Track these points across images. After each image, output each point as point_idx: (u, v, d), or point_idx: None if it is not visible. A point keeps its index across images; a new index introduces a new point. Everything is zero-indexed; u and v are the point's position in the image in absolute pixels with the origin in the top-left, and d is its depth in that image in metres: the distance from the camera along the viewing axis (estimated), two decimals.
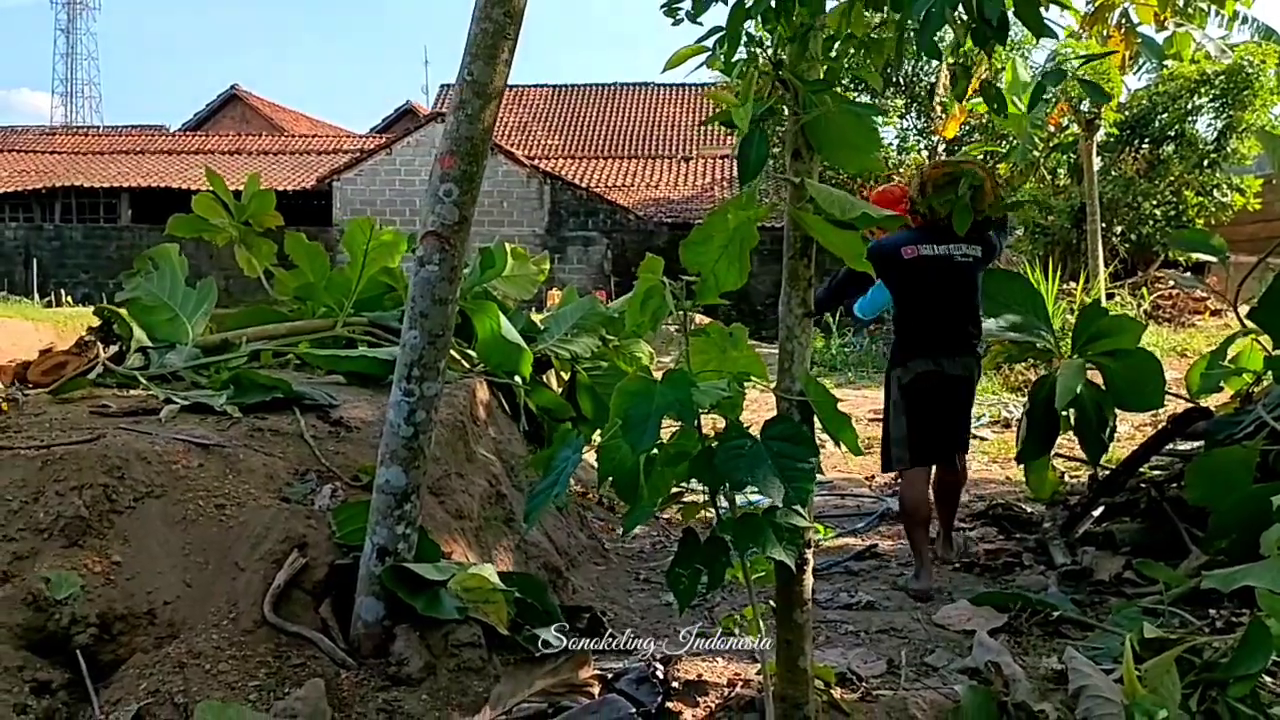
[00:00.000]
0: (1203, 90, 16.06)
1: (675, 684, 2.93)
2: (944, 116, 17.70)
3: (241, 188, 4.90)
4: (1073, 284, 14.54)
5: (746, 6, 2.52)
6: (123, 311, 4.02)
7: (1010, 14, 2.45)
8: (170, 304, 4.18)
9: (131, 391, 3.74)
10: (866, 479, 7.32)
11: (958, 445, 4.87)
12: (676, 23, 2.82)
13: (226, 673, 2.59)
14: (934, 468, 4.83)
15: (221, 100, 38.99)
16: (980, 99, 2.98)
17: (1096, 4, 8.51)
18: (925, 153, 19.27)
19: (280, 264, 5.09)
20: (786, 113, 2.58)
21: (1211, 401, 5.13)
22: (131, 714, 2.48)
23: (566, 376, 5.48)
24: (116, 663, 2.65)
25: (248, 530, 2.94)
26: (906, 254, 4.64)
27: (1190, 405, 4.99)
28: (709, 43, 2.68)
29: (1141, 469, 5.08)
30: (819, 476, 2.77)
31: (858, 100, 2.69)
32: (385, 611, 2.83)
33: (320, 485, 3.24)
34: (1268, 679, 2.90)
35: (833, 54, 2.69)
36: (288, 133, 35.27)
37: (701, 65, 2.68)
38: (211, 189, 4.83)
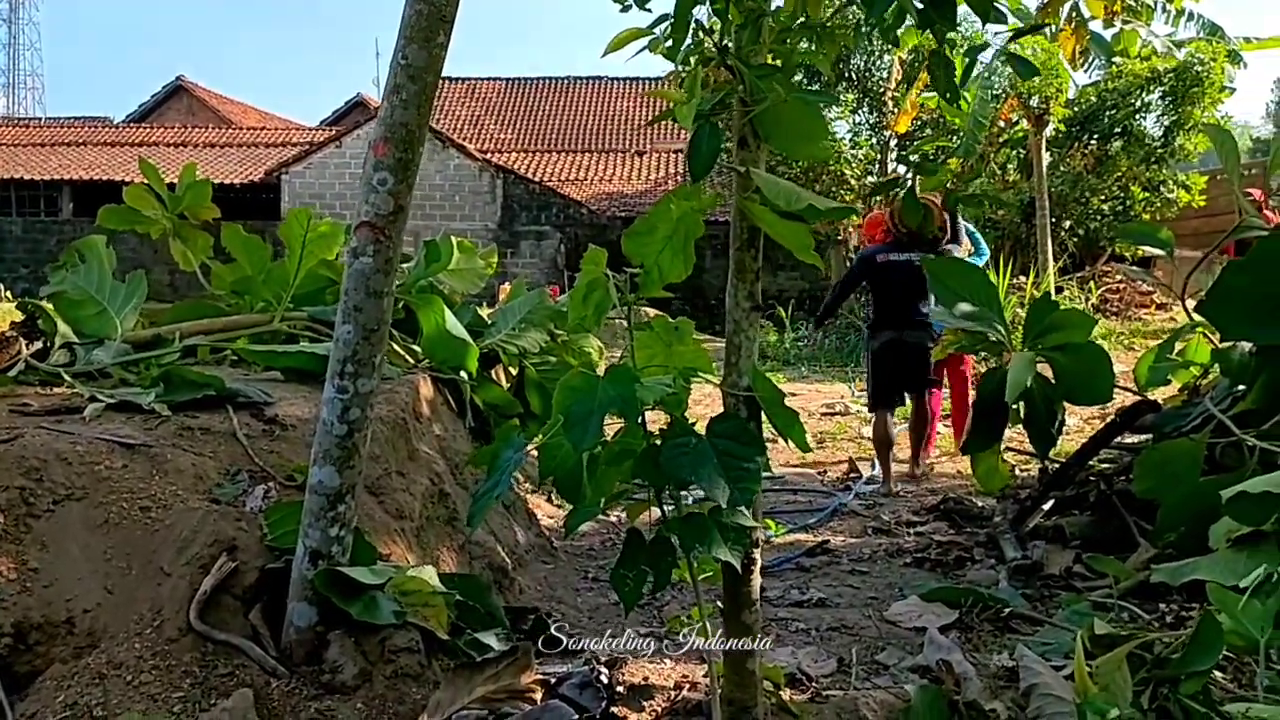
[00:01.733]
0: (1151, 87, 16.27)
1: (620, 688, 2.86)
2: (895, 112, 17.79)
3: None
4: (1023, 278, 14.68)
5: None
6: (47, 306, 3.86)
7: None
8: (98, 298, 4.01)
9: (55, 389, 3.58)
10: (818, 473, 7.30)
11: (921, 387, 6.81)
12: (625, 9, 2.74)
13: (149, 684, 2.47)
14: (909, 404, 6.96)
15: (167, 92, 38.31)
16: (931, 94, 2.93)
17: None
18: (877, 147, 19.34)
19: (219, 257, 4.95)
20: (734, 101, 2.51)
21: (1159, 394, 5.13)
22: None
23: (515, 372, 5.39)
24: (33, 674, 2.52)
25: (174, 533, 2.81)
26: (879, 260, 6.75)
27: (1138, 398, 4.99)
28: (656, 28, 2.61)
29: (1091, 462, 5.08)
30: (770, 471, 2.80)
31: (808, 89, 2.61)
32: (318, 617, 2.72)
33: (253, 486, 3.12)
34: (1219, 674, 2.89)
35: (785, 41, 2.62)
36: (235, 125, 34.75)
37: (643, 50, 2.60)
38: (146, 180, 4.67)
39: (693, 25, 2.53)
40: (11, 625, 2.52)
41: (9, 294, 22.08)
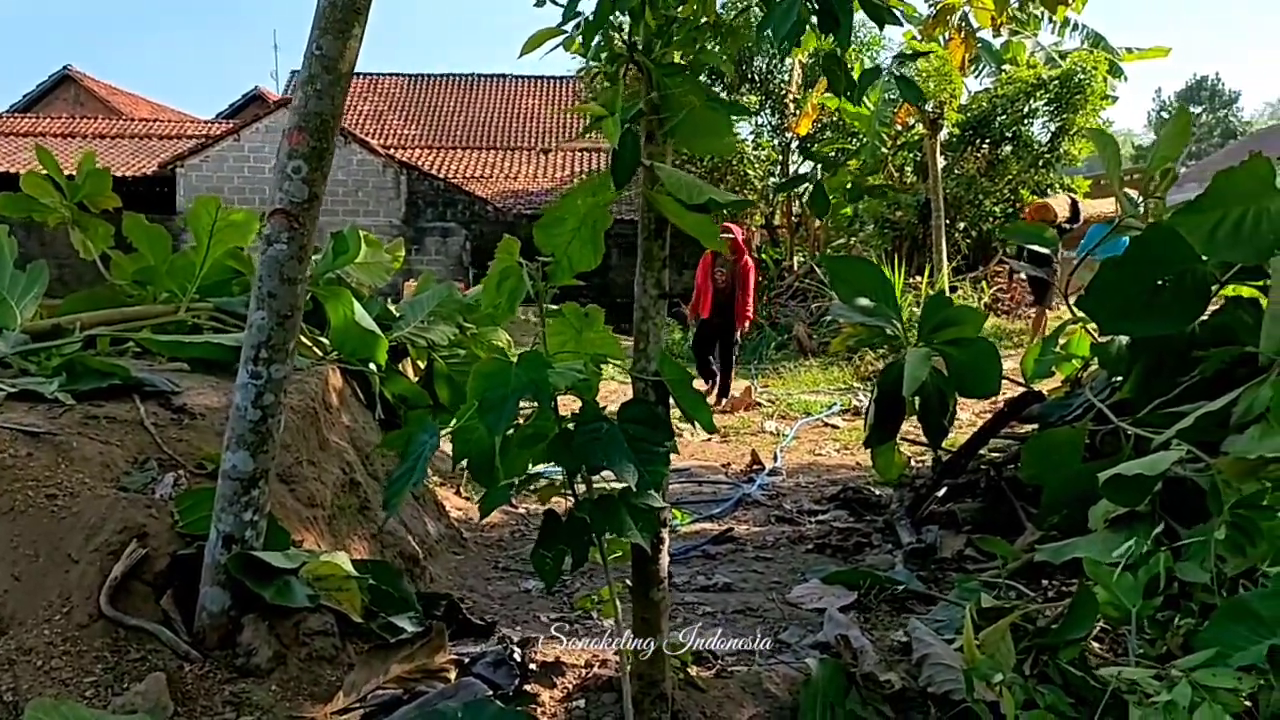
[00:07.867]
0: (1038, 94, 16.89)
1: (533, 666, 2.93)
2: (797, 114, 18.12)
3: (76, 172, 4.66)
4: (918, 277, 15.10)
5: None
6: None
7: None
8: None
9: None
10: (723, 466, 7.45)
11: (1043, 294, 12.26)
12: (540, 3, 2.81)
13: (60, 669, 2.46)
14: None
15: (54, 81, 36.85)
16: (831, 95, 3.07)
17: (938, 6, 8.84)
18: (779, 148, 19.67)
19: (118, 248, 4.86)
20: (642, 99, 2.59)
21: (1045, 386, 5.38)
22: None
23: (424, 365, 5.40)
24: None
25: (82, 521, 2.79)
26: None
27: (1025, 390, 5.24)
28: (568, 26, 2.68)
29: (981, 451, 5.30)
30: (678, 464, 2.92)
31: (713, 90, 2.72)
32: (232, 601, 2.73)
33: (162, 474, 3.11)
34: (1096, 645, 3.08)
35: (694, 41, 2.72)
36: (126, 116, 33.62)
37: (555, 48, 2.68)
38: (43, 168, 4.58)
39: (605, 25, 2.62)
40: None
41: None
